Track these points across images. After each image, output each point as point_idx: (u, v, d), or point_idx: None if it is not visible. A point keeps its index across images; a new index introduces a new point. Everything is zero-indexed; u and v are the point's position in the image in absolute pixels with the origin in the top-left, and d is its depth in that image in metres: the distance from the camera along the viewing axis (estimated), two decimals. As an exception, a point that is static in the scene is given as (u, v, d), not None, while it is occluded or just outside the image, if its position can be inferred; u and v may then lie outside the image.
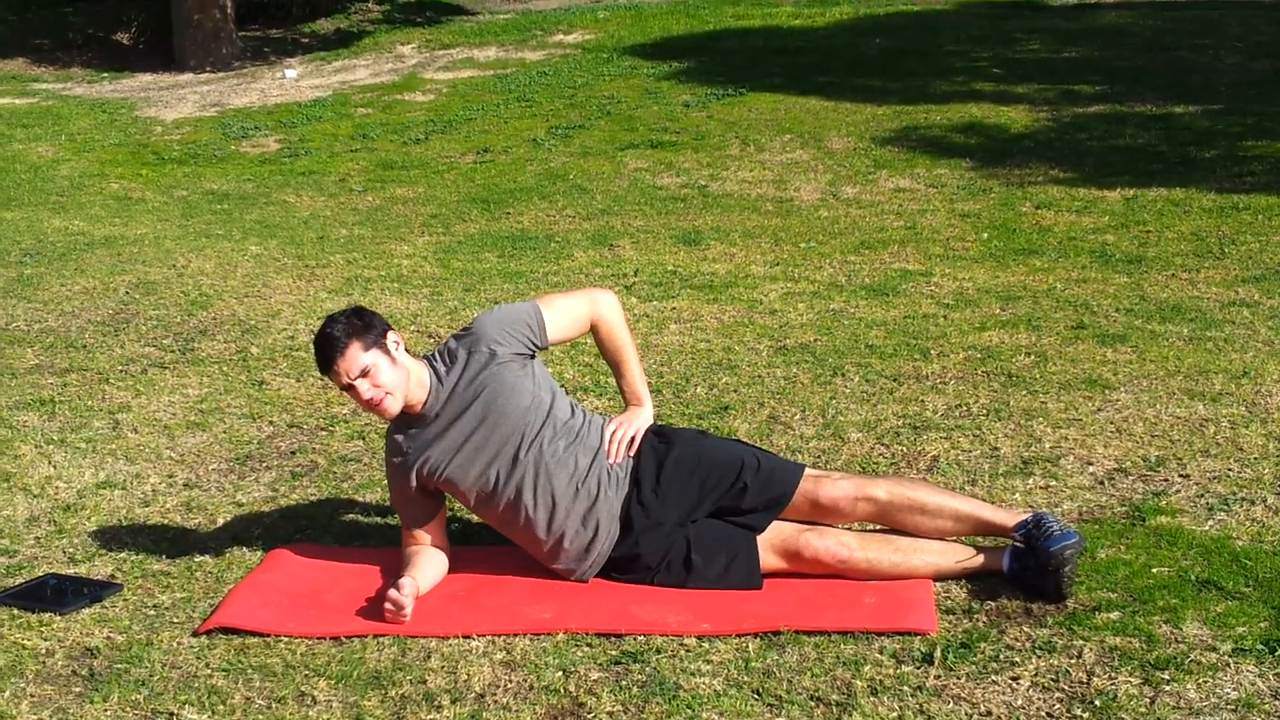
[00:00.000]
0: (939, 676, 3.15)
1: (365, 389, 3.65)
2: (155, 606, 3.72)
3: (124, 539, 4.17)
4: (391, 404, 3.68)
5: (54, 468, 4.75)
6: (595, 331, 3.89)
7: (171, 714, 3.16)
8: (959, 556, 3.63)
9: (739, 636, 3.38)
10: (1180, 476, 4.21)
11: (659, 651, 3.33)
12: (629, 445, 3.80)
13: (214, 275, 7.41)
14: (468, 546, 3.97)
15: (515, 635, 3.44)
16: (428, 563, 3.74)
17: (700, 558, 3.66)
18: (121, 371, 5.78)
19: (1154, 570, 3.59)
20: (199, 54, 16.39)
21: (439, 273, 7.26)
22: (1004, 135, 10.07)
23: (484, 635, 3.45)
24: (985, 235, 7.60)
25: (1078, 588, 3.49)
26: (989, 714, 3.00)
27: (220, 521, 4.30)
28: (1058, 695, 3.05)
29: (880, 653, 3.27)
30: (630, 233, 8.07)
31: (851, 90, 11.74)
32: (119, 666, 3.38)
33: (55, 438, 5.03)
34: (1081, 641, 3.26)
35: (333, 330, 3.68)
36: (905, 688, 3.11)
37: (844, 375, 5.30)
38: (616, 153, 10.43)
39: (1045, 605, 3.44)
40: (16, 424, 5.19)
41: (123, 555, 4.04)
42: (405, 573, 3.65)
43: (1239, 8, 14.09)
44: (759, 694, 3.12)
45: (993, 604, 3.48)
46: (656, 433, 3.88)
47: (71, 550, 4.10)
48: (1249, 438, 4.48)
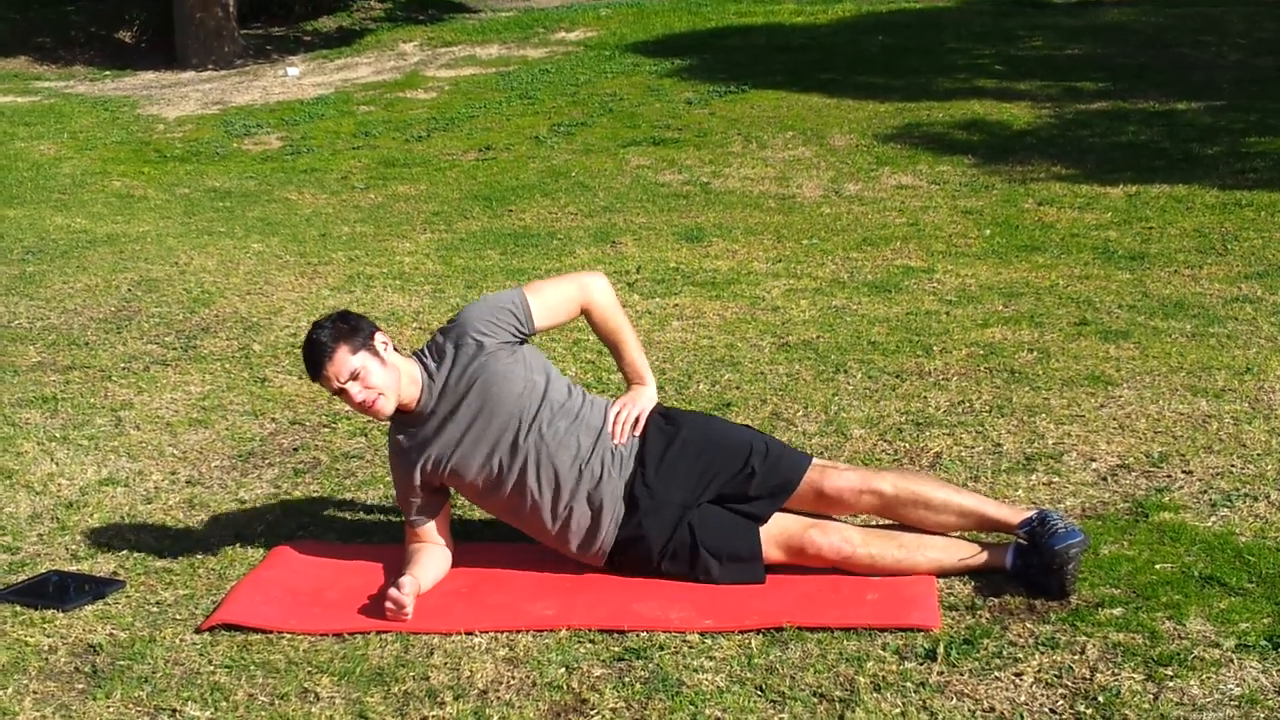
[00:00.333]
0: (942, 673, 3.14)
1: (357, 392, 3.64)
2: (158, 603, 3.72)
3: (126, 536, 4.17)
4: (385, 404, 3.67)
5: (56, 465, 4.75)
6: (588, 315, 3.85)
7: (174, 711, 3.16)
8: (962, 553, 3.63)
9: (741, 633, 3.38)
10: (1183, 473, 4.20)
11: (662, 648, 3.33)
12: (633, 425, 3.78)
13: (216, 273, 7.41)
14: (470, 543, 3.97)
15: (518, 632, 3.44)
16: (429, 560, 3.74)
17: (705, 548, 3.65)
18: (124, 369, 5.78)
19: (1157, 566, 3.58)
20: (201, 52, 16.40)
21: (441, 270, 7.26)
22: (1006, 132, 10.06)
23: (486, 632, 3.45)
24: (988, 232, 7.60)
25: (1081, 584, 3.48)
26: (992, 710, 2.99)
27: (223, 518, 4.30)
28: (1061, 691, 3.05)
29: (883, 649, 3.26)
30: (632, 230, 8.06)
31: (854, 87, 11.73)
32: (121, 663, 3.38)
33: (58, 435, 5.04)
34: (1085, 638, 3.25)
35: (319, 336, 3.66)
36: (908, 684, 3.10)
37: (846, 372, 5.30)
38: (619, 150, 10.42)
39: (1048, 602, 3.43)
40: (19, 421, 5.19)
41: (125, 552, 4.04)
42: (407, 571, 3.65)
43: (1242, 4, 14.07)
44: (762, 690, 3.12)
45: (996, 600, 3.47)
46: (663, 414, 3.86)
47: (74, 547, 4.10)
48: (1252, 434, 4.48)
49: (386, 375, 3.66)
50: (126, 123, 12.92)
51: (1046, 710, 2.99)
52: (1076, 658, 3.17)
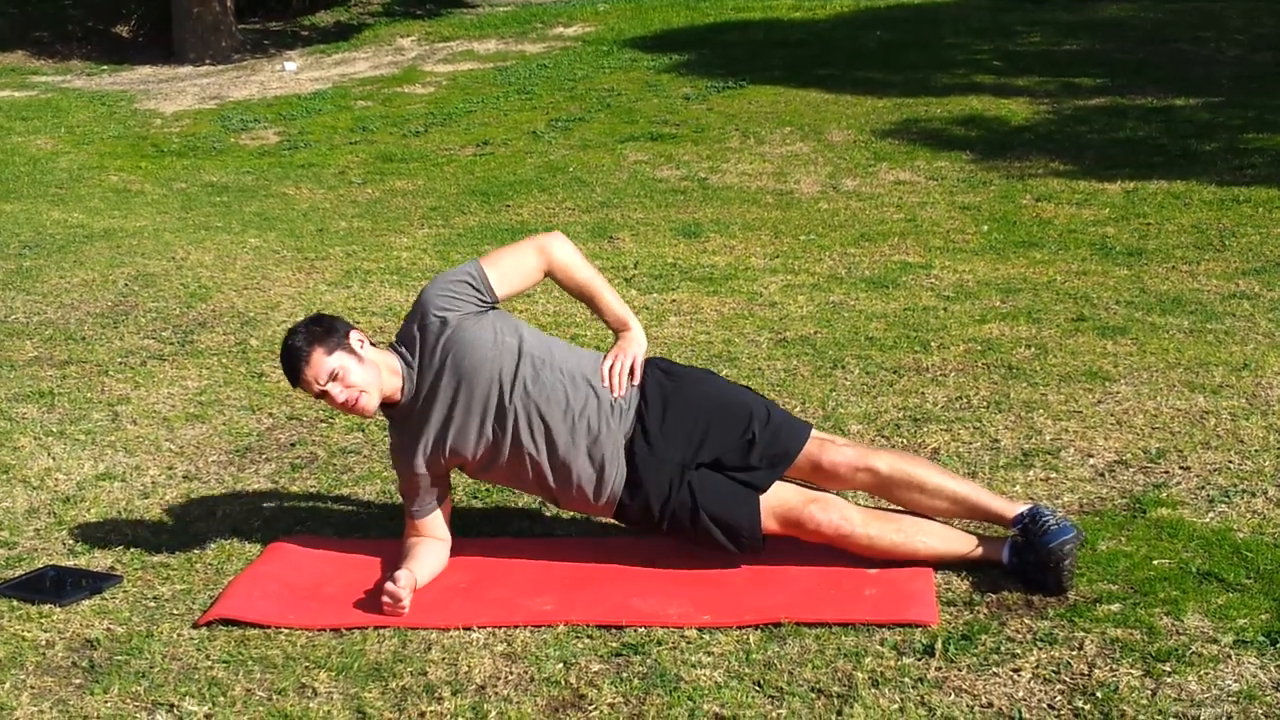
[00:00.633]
0: (940, 668, 3.14)
1: (338, 392, 3.62)
2: (155, 598, 3.71)
3: (124, 531, 4.17)
4: (368, 401, 3.65)
5: (53, 460, 4.75)
6: (553, 277, 3.77)
7: (172, 705, 3.16)
8: (960, 545, 3.63)
9: (739, 628, 3.38)
10: (1181, 469, 4.20)
11: (660, 643, 3.32)
12: (629, 375, 3.73)
13: (213, 267, 7.40)
14: (469, 538, 3.96)
15: (516, 627, 3.44)
16: (427, 555, 3.73)
17: (705, 512, 3.63)
18: (121, 363, 5.77)
19: (1155, 562, 3.58)
20: (198, 47, 16.38)
21: (439, 265, 7.26)
22: (1004, 128, 10.06)
23: (484, 627, 3.45)
24: (985, 228, 7.60)
25: (1078, 580, 3.48)
26: (990, 706, 2.99)
27: (220, 513, 4.30)
28: (1059, 687, 3.05)
29: (881, 644, 3.26)
30: (630, 225, 8.06)
31: (852, 83, 11.73)
32: (119, 658, 3.38)
33: (54, 430, 5.03)
34: (1082, 633, 3.25)
35: (294, 342, 3.65)
36: (906, 679, 3.10)
37: (844, 367, 5.30)
38: (616, 145, 10.42)
39: (1046, 597, 3.43)
40: (16, 416, 5.19)
41: (122, 547, 4.04)
42: (404, 565, 3.64)
43: (1240, 0, 14.06)
44: (760, 685, 3.12)
45: (993, 596, 3.47)
46: (664, 370, 3.82)
47: (71, 542, 4.10)
48: (1249, 430, 4.48)
49: (365, 372, 3.64)
50: (124, 117, 12.90)
51: (1045, 706, 2.98)
52: (1074, 653, 3.17)
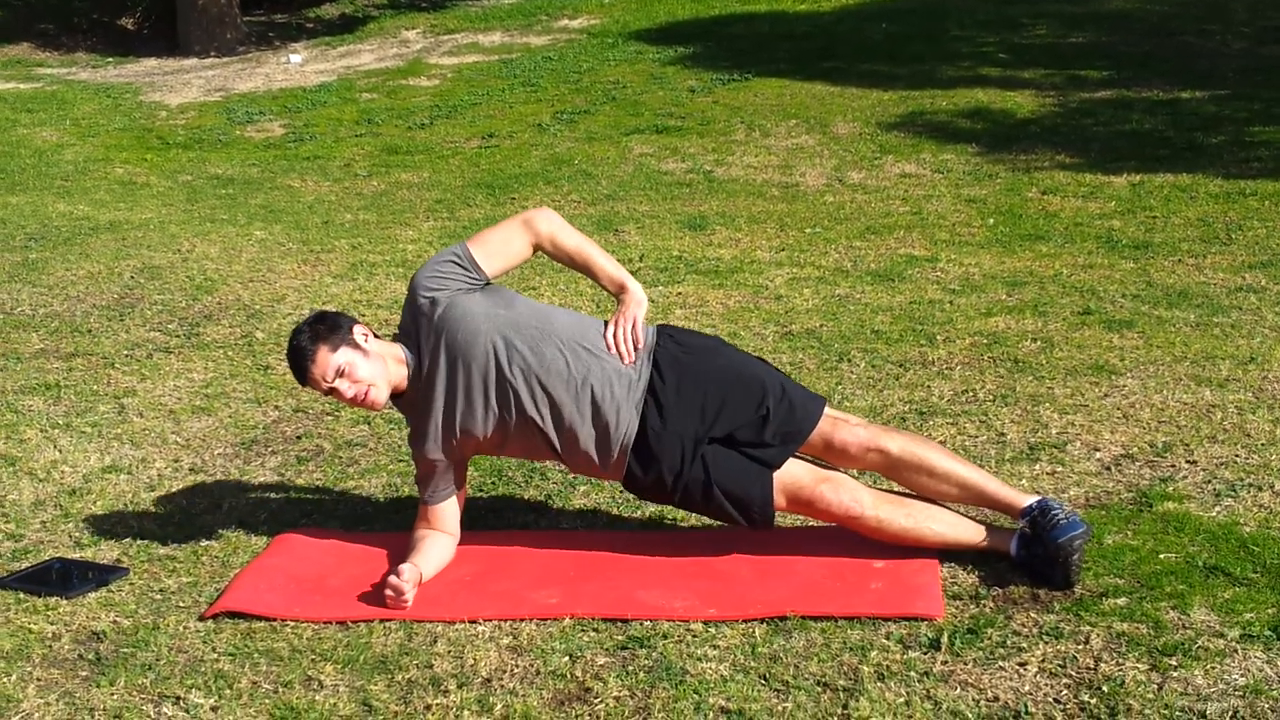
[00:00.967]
0: (946, 662, 3.14)
1: (346, 388, 3.63)
2: (161, 591, 3.72)
3: (130, 523, 4.17)
4: (377, 395, 3.65)
5: (59, 452, 4.75)
6: (543, 250, 3.74)
7: (178, 698, 3.16)
8: (968, 533, 3.62)
9: (745, 622, 3.38)
10: (1187, 462, 4.20)
11: (665, 636, 3.32)
12: (634, 338, 3.69)
13: (219, 260, 7.40)
14: (475, 531, 3.96)
15: (522, 620, 3.44)
16: (433, 548, 3.73)
17: (719, 487, 3.62)
18: (127, 356, 5.78)
19: (1161, 556, 3.58)
20: (204, 39, 16.38)
21: (444, 258, 7.25)
22: (1010, 120, 10.05)
23: (490, 620, 3.45)
24: (991, 221, 7.59)
25: (1085, 574, 3.48)
26: (996, 700, 2.99)
27: (226, 506, 4.30)
28: (1065, 681, 3.05)
29: (887, 638, 3.26)
30: (635, 218, 8.06)
31: (857, 75, 11.71)
32: (125, 650, 3.38)
33: (61, 422, 5.04)
34: (1089, 627, 3.25)
35: (299, 341, 3.65)
36: (912, 673, 3.10)
37: (850, 361, 5.29)
38: (622, 138, 10.41)
39: (1052, 591, 3.43)
40: (22, 408, 5.19)
41: (128, 539, 4.04)
42: (409, 558, 3.64)
43: (1246, -8, 14.04)
44: (765, 679, 3.12)
45: (1000, 590, 3.47)
46: (677, 340, 3.78)
47: (77, 534, 4.10)
48: (1256, 424, 4.47)
49: (372, 365, 3.65)
50: (129, 109, 12.91)
51: (1051, 700, 2.98)
52: (1081, 647, 3.17)
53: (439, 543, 3.77)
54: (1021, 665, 3.12)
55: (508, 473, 4.42)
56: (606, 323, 3.75)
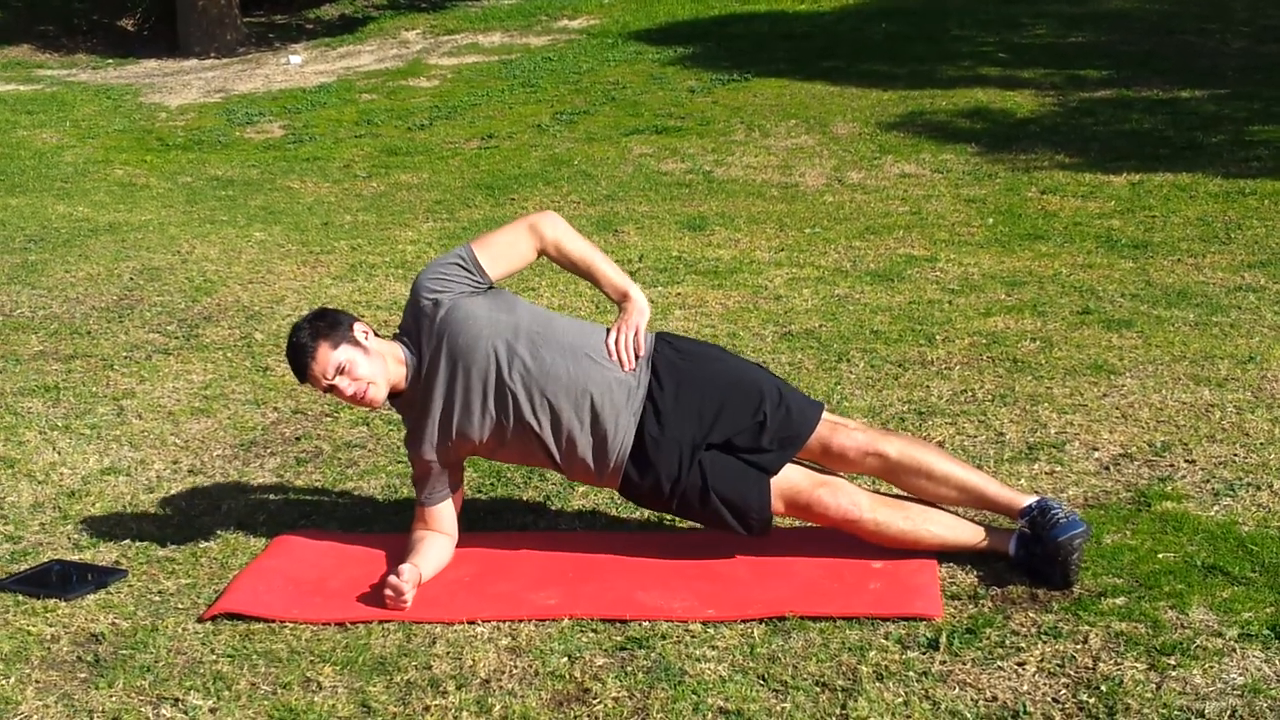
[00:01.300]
0: (944, 662, 3.14)
1: (346, 385, 3.62)
2: (160, 592, 3.72)
3: (129, 525, 4.17)
4: (376, 393, 3.65)
5: (58, 454, 4.75)
6: (547, 255, 3.75)
7: (176, 700, 3.16)
8: (967, 535, 3.62)
9: (744, 622, 3.38)
10: (1186, 462, 4.20)
11: (664, 637, 3.32)
12: (635, 347, 3.68)
13: (218, 261, 7.40)
14: (473, 533, 3.96)
15: (520, 621, 3.44)
16: (432, 549, 3.73)
17: (716, 493, 3.62)
18: (126, 358, 5.78)
19: (1160, 556, 3.58)
20: (203, 40, 16.39)
21: (443, 259, 7.25)
22: (1010, 120, 10.05)
23: (489, 621, 3.45)
24: (990, 220, 7.59)
25: (1083, 573, 3.48)
26: (994, 699, 2.99)
27: (225, 508, 4.30)
28: (1063, 681, 3.05)
29: (885, 638, 3.26)
30: (635, 218, 8.06)
31: (857, 75, 11.71)
32: (124, 652, 3.38)
33: (60, 424, 5.04)
34: (1087, 627, 3.25)
35: (299, 338, 3.65)
36: (910, 673, 3.10)
37: (849, 361, 5.29)
38: (621, 138, 10.41)
39: (1051, 591, 3.43)
40: (21, 410, 5.19)
41: (127, 541, 4.04)
42: (408, 559, 3.64)
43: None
44: (764, 679, 3.12)
45: (998, 589, 3.47)
46: (675, 347, 3.78)
47: (76, 536, 4.10)
48: (1255, 423, 4.47)
49: (372, 364, 3.64)
50: (129, 111, 12.91)
51: (1049, 699, 2.98)
52: (1079, 647, 3.17)
53: (437, 543, 3.76)
54: (1020, 665, 3.12)
55: (506, 474, 4.42)
56: (608, 329, 3.75)
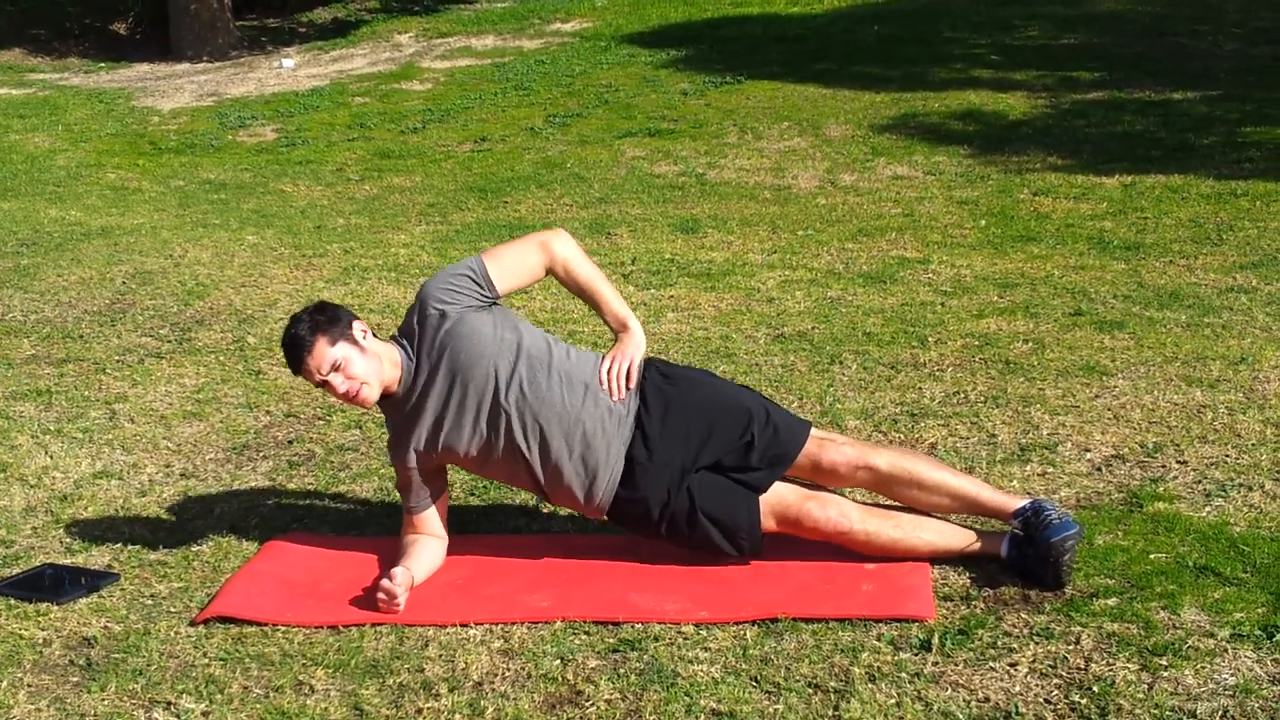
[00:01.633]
0: (937, 663, 3.14)
1: (339, 383, 3.62)
2: (152, 596, 3.71)
3: (121, 529, 4.17)
4: (369, 393, 3.65)
5: (51, 458, 4.75)
6: (554, 274, 3.76)
7: (169, 703, 3.16)
8: (958, 539, 3.63)
9: (737, 624, 3.37)
10: (1178, 463, 4.20)
11: (657, 639, 3.32)
12: (628, 377, 3.70)
13: (211, 265, 7.40)
14: (466, 535, 3.96)
15: (513, 624, 3.44)
16: (424, 552, 3.73)
17: (704, 514, 3.62)
18: (118, 361, 5.77)
19: (1152, 556, 3.58)
20: (196, 44, 16.38)
21: (436, 262, 7.25)
22: (1002, 122, 10.06)
23: (482, 624, 3.45)
24: (983, 222, 7.60)
25: (1075, 574, 3.48)
26: (987, 700, 2.99)
27: (217, 511, 4.30)
28: (1055, 681, 3.05)
29: (878, 640, 3.26)
30: (628, 221, 8.06)
31: (849, 78, 11.72)
32: (116, 656, 3.38)
33: (52, 428, 5.03)
34: (1079, 628, 3.25)
35: (298, 330, 3.64)
36: (903, 674, 3.10)
37: (841, 363, 5.30)
38: (614, 141, 10.41)
39: (1043, 592, 3.43)
40: (13, 414, 5.19)
41: (119, 545, 4.04)
42: (400, 562, 3.64)
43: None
44: (757, 681, 3.12)
45: (990, 591, 3.47)
46: (663, 373, 3.79)
47: (68, 540, 4.10)
48: (1246, 424, 4.48)
49: (367, 364, 3.64)
50: (121, 115, 12.90)
51: (1041, 700, 2.99)
52: (1071, 648, 3.17)
53: (429, 546, 3.76)
54: (1012, 666, 3.12)
55: (499, 476, 4.42)
56: (602, 356, 3.77)
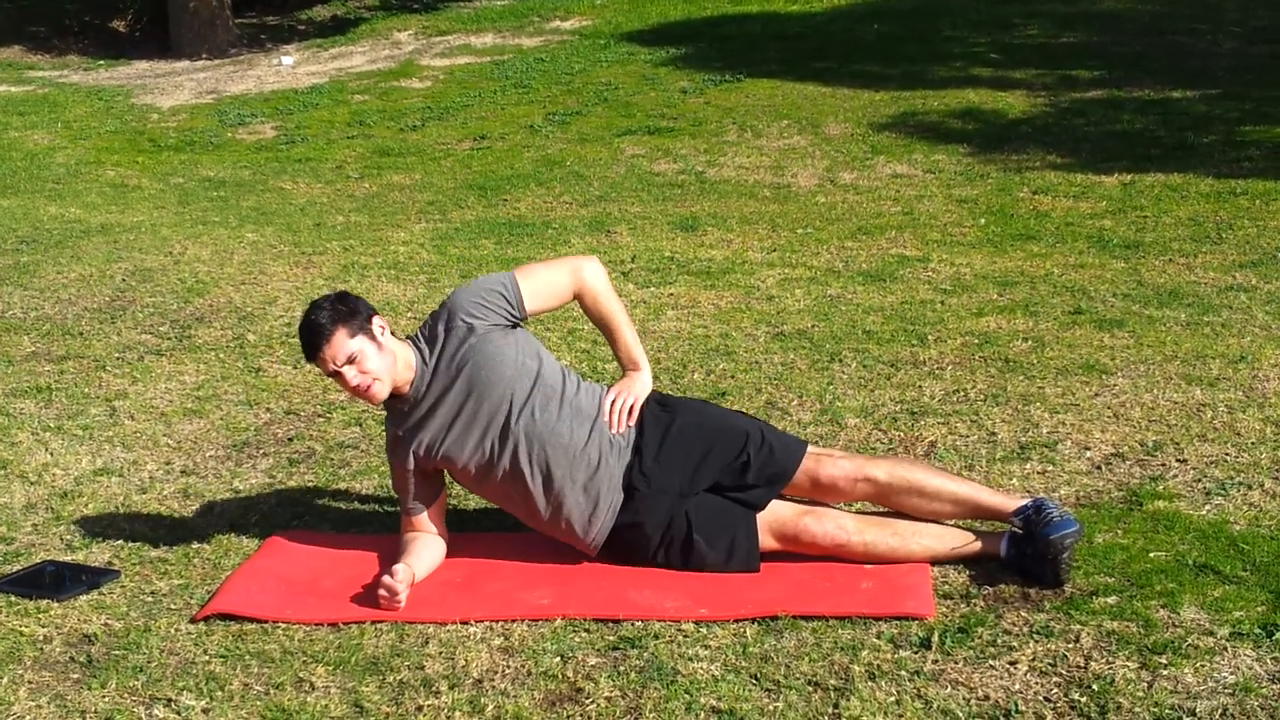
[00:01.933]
0: (936, 661, 3.15)
1: (352, 376, 3.63)
2: (153, 593, 3.72)
3: (121, 526, 4.17)
4: (379, 389, 3.66)
5: (51, 455, 4.75)
6: (581, 301, 3.81)
7: (169, 700, 3.16)
8: (956, 541, 3.63)
9: (736, 622, 3.38)
10: (1177, 461, 4.21)
11: (656, 637, 3.33)
12: (629, 414, 3.75)
13: (210, 262, 7.40)
14: (466, 533, 3.96)
15: (513, 621, 3.44)
16: (424, 550, 3.74)
17: (701, 538, 3.64)
18: (118, 359, 5.77)
19: (1151, 555, 3.59)
20: (195, 41, 16.37)
21: (436, 260, 7.26)
22: (1002, 121, 10.06)
23: (482, 621, 3.45)
24: (983, 221, 7.60)
25: (1075, 572, 3.48)
26: (986, 698, 3.00)
27: (218, 508, 4.30)
28: (1055, 680, 3.05)
29: (878, 637, 3.26)
30: (627, 219, 8.06)
31: (849, 76, 11.72)
32: (117, 653, 3.38)
33: (52, 425, 5.03)
34: (1079, 626, 3.26)
35: (318, 317, 3.64)
36: (903, 672, 3.11)
37: (841, 361, 5.30)
38: (614, 139, 10.41)
39: (1043, 590, 3.44)
40: (13, 411, 5.19)
41: (120, 542, 4.04)
42: (401, 559, 3.64)
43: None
44: (756, 679, 3.12)
45: (990, 589, 3.48)
46: (659, 401, 3.83)
47: (69, 537, 4.10)
48: (1246, 422, 4.48)
49: (382, 360, 3.65)
50: (121, 112, 12.90)
51: (1041, 698, 2.99)
52: (1071, 646, 3.18)
53: (429, 544, 3.77)
54: (1012, 664, 3.12)
55: (499, 474, 4.42)
56: (608, 388, 3.81)
